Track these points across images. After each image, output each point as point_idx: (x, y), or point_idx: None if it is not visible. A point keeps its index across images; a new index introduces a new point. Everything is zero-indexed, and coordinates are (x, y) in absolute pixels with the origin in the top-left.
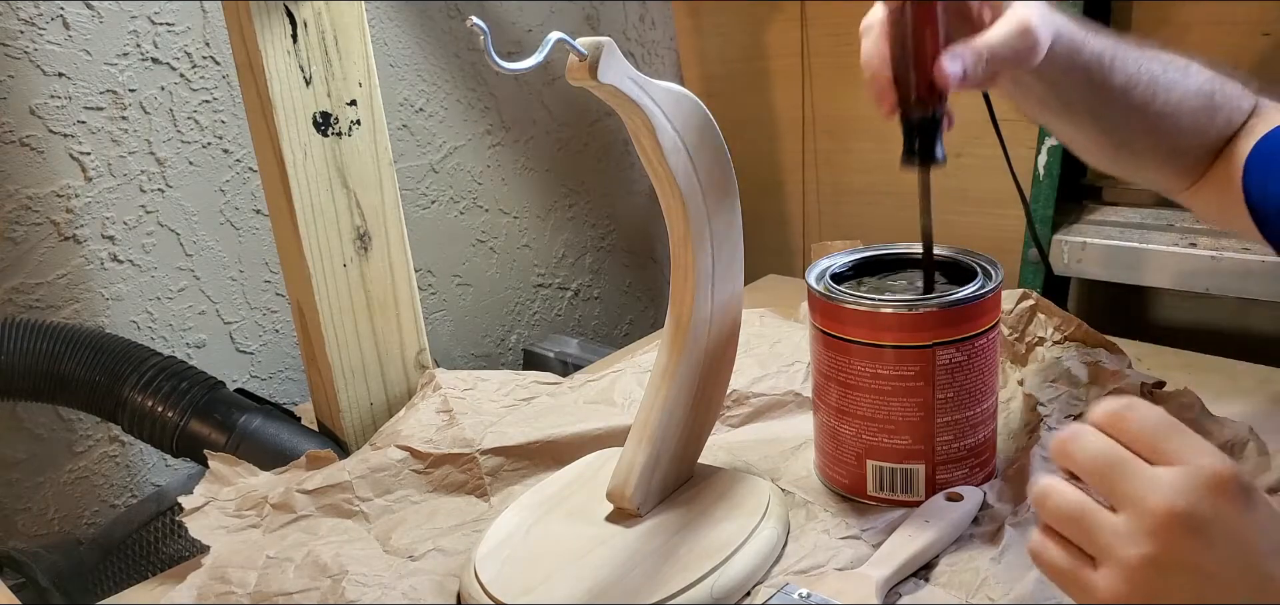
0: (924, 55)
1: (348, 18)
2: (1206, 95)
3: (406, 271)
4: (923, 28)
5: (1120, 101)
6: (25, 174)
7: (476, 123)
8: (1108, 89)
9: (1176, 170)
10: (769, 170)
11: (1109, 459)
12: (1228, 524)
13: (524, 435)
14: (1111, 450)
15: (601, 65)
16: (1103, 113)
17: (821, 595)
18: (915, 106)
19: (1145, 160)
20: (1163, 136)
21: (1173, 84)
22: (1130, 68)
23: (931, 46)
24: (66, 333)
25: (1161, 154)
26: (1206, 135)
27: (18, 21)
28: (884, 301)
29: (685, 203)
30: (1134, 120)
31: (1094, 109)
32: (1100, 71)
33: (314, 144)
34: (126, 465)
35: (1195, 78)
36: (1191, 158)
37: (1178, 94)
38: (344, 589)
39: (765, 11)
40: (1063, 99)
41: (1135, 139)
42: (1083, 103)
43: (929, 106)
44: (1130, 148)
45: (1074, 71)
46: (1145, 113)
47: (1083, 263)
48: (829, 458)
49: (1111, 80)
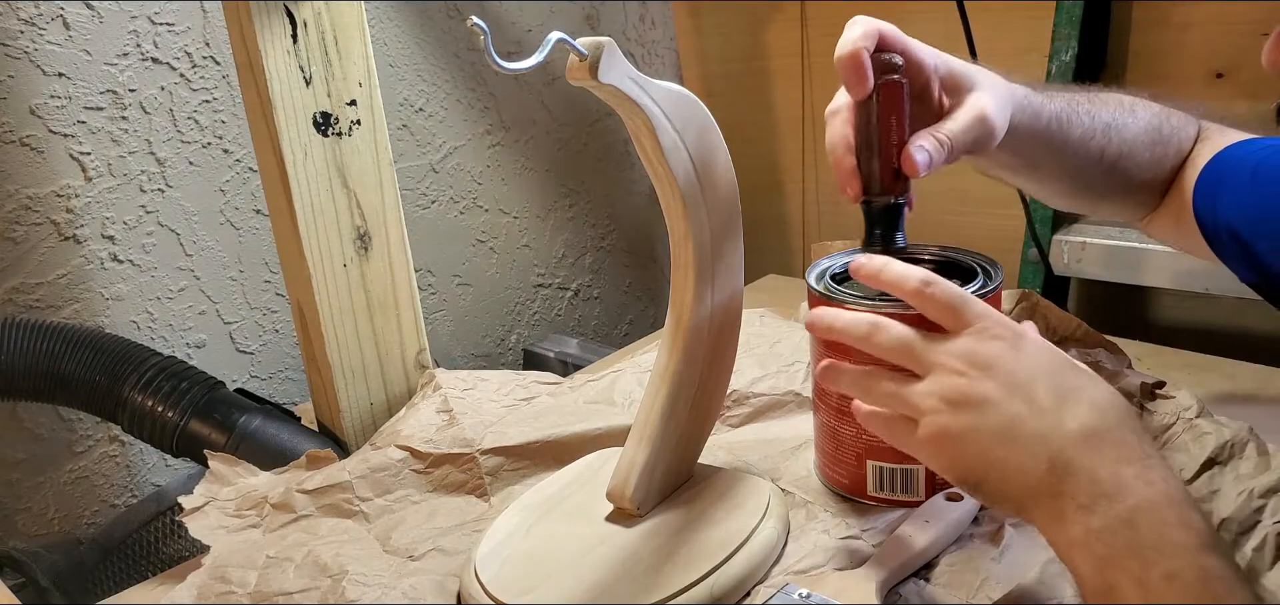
0: (888, 144)
1: (348, 18)
2: (1154, 129)
3: (406, 271)
4: (888, 116)
5: (1080, 152)
6: (25, 174)
7: (476, 123)
8: (1066, 143)
9: (1135, 203)
10: (769, 170)
11: (909, 339)
12: (1003, 359)
13: (524, 435)
14: (910, 333)
15: (602, 65)
16: (1064, 165)
17: (821, 595)
18: (879, 195)
19: (1105, 198)
20: (1120, 174)
21: (1124, 126)
22: (1085, 120)
23: (897, 135)
24: (66, 333)
25: (1120, 191)
26: (1160, 167)
27: (18, 21)
28: (884, 302)
29: (685, 203)
30: (1093, 166)
31: (1055, 163)
32: (1059, 130)
33: (314, 144)
34: (126, 465)
35: (1142, 115)
36: (1148, 190)
37: (1130, 134)
38: (344, 589)
39: (765, 11)
40: (1026, 160)
41: (1095, 182)
42: (1046, 160)
43: (893, 193)
44: (1091, 190)
45: (1035, 136)
46: (1103, 157)
47: (1083, 263)
48: (829, 458)
49: (1069, 134)
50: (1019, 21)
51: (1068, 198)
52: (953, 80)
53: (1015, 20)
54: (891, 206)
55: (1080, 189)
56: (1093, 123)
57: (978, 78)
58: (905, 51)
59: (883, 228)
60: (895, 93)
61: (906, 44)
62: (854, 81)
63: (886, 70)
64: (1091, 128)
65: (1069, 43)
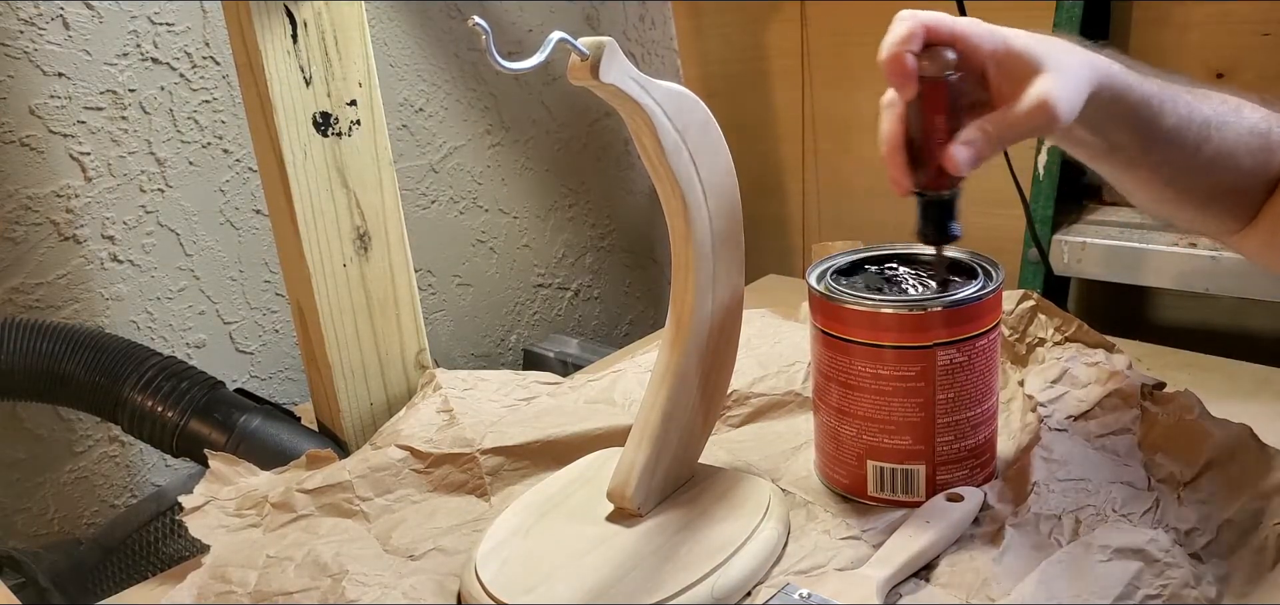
0: (933, 141)
1: (348, 18)
2: (1261, 134)
3: (406, 271)
4: (933, 114)
5: (1172, 143)
6: (25, 174)
7: (476, 123)
8: (1156, 130)
9: (1230, 212)
10: (769, 170)
11: None
12: None
13: (524, 435)
14: None
15: (603, 65)
16: (1151, 155)
17: (822, 595)
18: (929, 188)
19: (1198, 202)
20: (1218, 176)
21: (1224, 125)
22: (1181, 110)
23: (942, 131)
24: (66, 333)
25: (1216, 196)
26: (1265, 174)
27: (18, 21)
28: (884, 301)
29: (686, 203)
30: (1185, 162)
31: (1140, 151)
32: (1148, 115)
33: (314, 144)
34: (126, 465)
35: (1248, 117)
36: (1247, 199)
37: (1232, 134)
38: (344, 589)
39: (765, 11)
40: (1108, 141)
41: (1187, 181)
42: (1130, 145)
43: (942, 187)
44: (1181, 189)
45: (1119, 117)
46: (1197, 155)
47: (1083, 263)
48: (829, 458)
49: (1160, 123)
50: (1019, 21)
51: (1156, 193)
52: (1014, 63)
53: (1015, 20)
54: (942, 201)
55: (1169, 185)
56: (1189, 115)
57: (1045, 57)
58: (956, 40)
59: (934, 222)
60: (938, 92)
61: (959, 31)
62: (898, 84)
63: (938, 67)
64: (1188, 120)
65: None
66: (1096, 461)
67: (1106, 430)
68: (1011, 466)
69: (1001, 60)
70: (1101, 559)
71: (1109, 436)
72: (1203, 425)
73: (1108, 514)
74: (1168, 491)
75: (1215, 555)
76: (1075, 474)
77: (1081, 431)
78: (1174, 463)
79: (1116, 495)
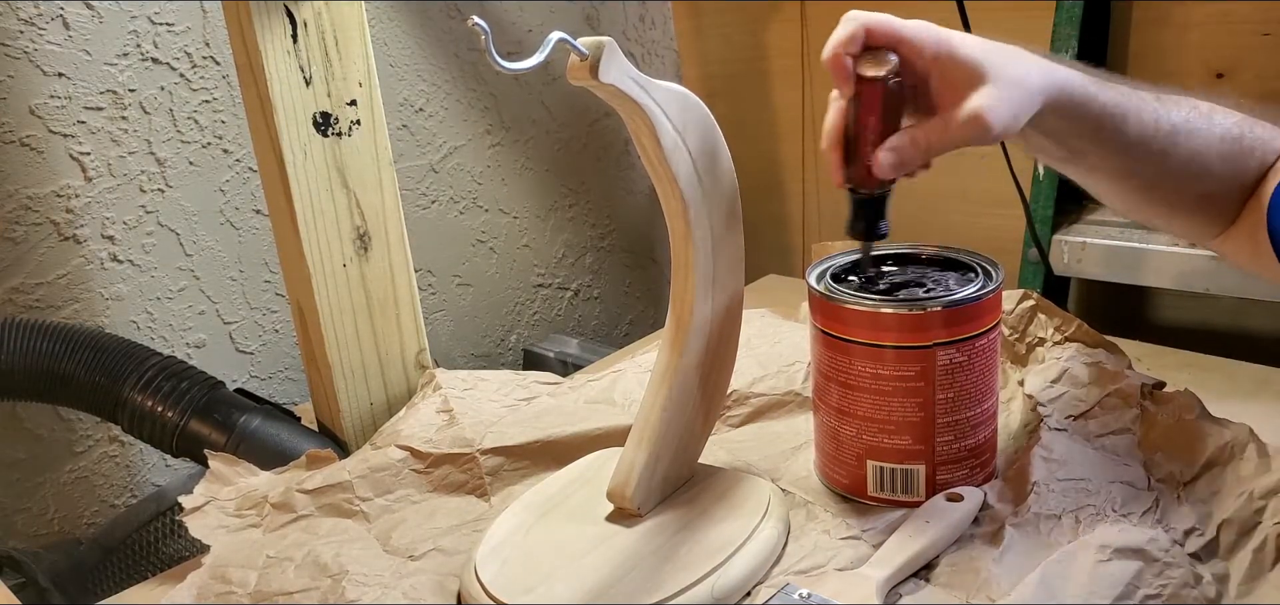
0: (865, 141)
1: (348, 18)
2: (1234, 139)
3: (406, 271)
4: (866, 115)
5: (1135, 152)
6: (25, 174)
7: (476, 123)
8: (1120, 140)
9: (1206, 217)
10: (769, 170)
11: None
12: None
13: (524, 435)
14: None
15: (603, 65)
16: (1116, 163)
17: (822, 595)
18: (860, 186)
19: (1171, 208)
20: (1189, 183)
21: (1193, 131)
22: (1145, 118)
23: (874, 133)
24: (66, 333)
25: (1188, 200)
26: (1240, 179)
27: (18, 21)
28: (884, 301)
29: (686, 203)
30: (1153, 170)
31: (1103, 159)
32: (1111, 124)
33: (314, 144)
34: (126, 465)
35: (1220, 123)
36: (1222, 204)
37: (1201, 141)
38: (344, 589)
39: (765, 11)
40: (1069, 150)
41: (1156, 187)
42: (1092, 153)
43: (872, 186)
44: (1151, 195)
45: (1079, 125)
46: (1165, 161)
47: (1083, 263)
48: (829, 458)
49: (1124, 131)
50: (1019, 21)
51: (1126, 199)
52: (957, 70)
53: (1015, 20)
54: (872, 198)
55: (1137, 191)
56: (1155, 122)
57: (990, 68)
58: (898, 44)
59: (863, 217)
60: (873, 94)
61: (903, 35)
62: (837, 82)
63: (876, 69)
64: (1154, 127)
65: (1069, 42)
66: (1096, 461)
67: (1106, 430)
68: (1011, 466)
69: (945, 67)
70: (1101, 559)
71: (1109, 436)
72: (1202, 425)
73: (1107, 514)
74: (1167, 491)
75: (1215, 555)
76: (1075, 474)
77: (1081, 431)
78: (1173, 463)
79: (1116, 495)
